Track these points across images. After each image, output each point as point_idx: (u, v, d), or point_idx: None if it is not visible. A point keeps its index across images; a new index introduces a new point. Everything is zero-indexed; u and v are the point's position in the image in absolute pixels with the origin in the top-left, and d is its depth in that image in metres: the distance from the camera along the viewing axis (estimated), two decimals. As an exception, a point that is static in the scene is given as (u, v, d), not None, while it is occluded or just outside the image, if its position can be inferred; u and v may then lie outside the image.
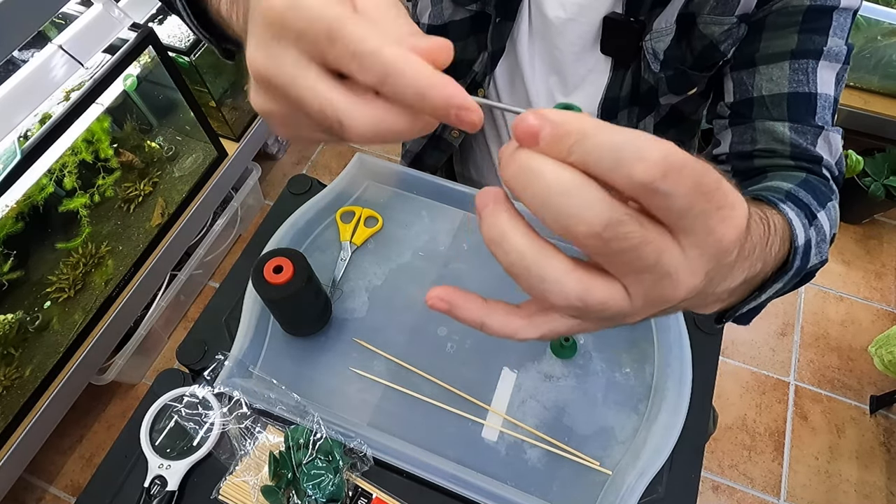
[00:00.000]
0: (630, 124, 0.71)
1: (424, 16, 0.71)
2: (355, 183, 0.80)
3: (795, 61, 0.58)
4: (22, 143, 1.10)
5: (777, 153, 0.60)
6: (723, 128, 0.64)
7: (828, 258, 0.53)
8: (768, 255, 0.40)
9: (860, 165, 1.71)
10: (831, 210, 0.56)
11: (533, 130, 0.22)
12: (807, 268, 0.49)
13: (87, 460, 1.47)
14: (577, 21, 0.65)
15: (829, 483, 1.47)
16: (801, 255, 0.45)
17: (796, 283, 0.51)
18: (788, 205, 0.48)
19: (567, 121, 0.22)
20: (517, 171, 0.23)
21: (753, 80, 0.60)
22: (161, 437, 0.62)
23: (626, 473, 0.59)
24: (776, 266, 0.45)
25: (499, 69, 0.73)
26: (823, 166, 0.59)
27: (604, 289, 0.24)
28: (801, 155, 0.59)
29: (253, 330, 0.67)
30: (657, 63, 0.64)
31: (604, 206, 0.21)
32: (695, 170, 0.21)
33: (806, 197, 0.53)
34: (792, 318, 1.71)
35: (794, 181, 0.55)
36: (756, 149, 0.61)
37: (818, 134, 0.58)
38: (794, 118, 0.58)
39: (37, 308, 1.25)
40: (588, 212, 0.21)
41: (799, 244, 0.45)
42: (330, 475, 0.58)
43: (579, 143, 0.21)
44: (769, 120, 0.60)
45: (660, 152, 0.21)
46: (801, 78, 0.58)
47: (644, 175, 0.21)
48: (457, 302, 0.27)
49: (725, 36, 0.60)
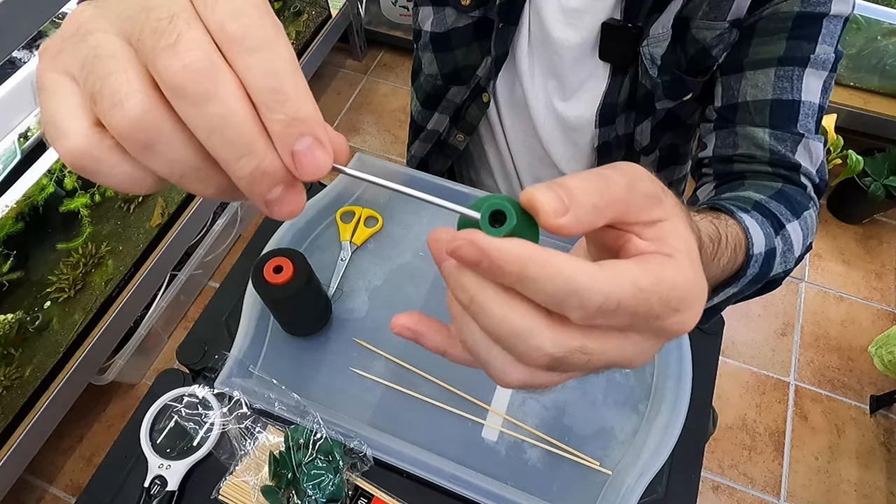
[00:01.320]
0: (627, 128, 0.72)
1: (426, 24, 0.72)
2: (355, 183, 0.80)
3: (781, 68, 0.58)
4: (22, 143, 1.10)
5: (756, 159, 0.60)
6: (708, 131, 0.65)
7: (793, 268, 0.54)
8: (715, 267, 0.42)
9: (860, 165, 1.71)
10: (807, 219, 0.56)
11: (471, 259, 0.22)
12: (769, 276, 0.51)
13: (87, 460, 1.47)
14: (575, 27, 0.65)
15: (829, 483, 1.47)
16: (759, 263, 0.48)
17: (759, 290, 0.53)
18: (752, 214, 0.50)
19: (504, 256, 0.21)
20: (463, 300, 0.23)
21: (740, 85, 0.60)
22: (161, 437, 0.62)
23: (626, 473, 0.59)
24: (728, 274, 0.47)
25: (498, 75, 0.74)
26: (802, 174, 0.59)
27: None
28: (779, 161, 0.59)
29: (253, 330, 0.67)
30: (654, 68, 0.64)
31: (554, 343, 0.22)
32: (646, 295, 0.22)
33: (777, 208, 0.53)
34: (792, 318, 1.71)
35: (768, 192, 0.56)
36: (737, 153, 0.61)
37: (798, 141, 0.58)
38: (775, 125, 0.59)
39: (37, 308, 1.25)
40: (537, 351, 0.23)
41: (754, 253, 0.47)
42: (330, 475, 0.58)
43: (521, 284, 0.22)
44: (751, 125, 0.60)
45: (599, 298, 0.21)
46: (785, 85, 0.58)
47: (584, 319, 0.22)
48: (421, 331, 0.28)
49: (717, 41, 0.60)
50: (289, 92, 0.20)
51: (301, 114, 0.20)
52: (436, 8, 0.70)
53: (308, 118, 0.21)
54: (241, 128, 0.20)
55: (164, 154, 0.21)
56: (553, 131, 0.76)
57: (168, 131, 0.20)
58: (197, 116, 0.20)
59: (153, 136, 0.20)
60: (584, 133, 0.74)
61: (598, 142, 0.73)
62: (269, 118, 0.20)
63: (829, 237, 1.86)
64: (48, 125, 0.22)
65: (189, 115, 0.20)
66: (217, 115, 0.20)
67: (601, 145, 0.73)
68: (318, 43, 1.93)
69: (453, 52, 0.72)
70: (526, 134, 0.78)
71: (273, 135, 0.21)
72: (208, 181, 0.22)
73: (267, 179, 0.21)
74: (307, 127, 0.21)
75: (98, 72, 0.20)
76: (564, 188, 0.23)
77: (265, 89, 0.20)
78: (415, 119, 0.86)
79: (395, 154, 2.04)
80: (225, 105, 0.20)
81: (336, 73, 2.24)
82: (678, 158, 0.80)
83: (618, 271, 0.22)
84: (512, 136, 0.80)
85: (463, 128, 0.82)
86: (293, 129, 0.20)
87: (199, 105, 0.20)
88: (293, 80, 0.20)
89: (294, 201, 0.22)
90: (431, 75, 0.76)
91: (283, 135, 0.20)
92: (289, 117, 0.20)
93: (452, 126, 0.82)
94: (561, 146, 0.77)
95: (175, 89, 0.20)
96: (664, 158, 0.78)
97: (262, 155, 0.21)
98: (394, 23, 2.20)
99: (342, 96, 2.18)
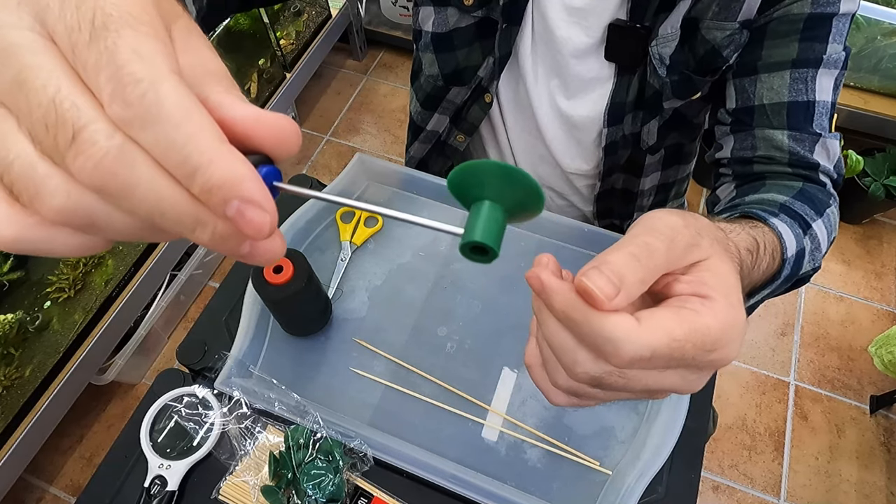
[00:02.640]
0: (635, 128, 0.72)
1: (427, 24, 0.71)
2: (355, 183, 0.80)
3: (796, 70, 0.59)
4: (22, 143, 1.10)
5: (775, 160, 0.61)
6: (724, 133, 0.66)
7: (821, 265, 0.57)
8: (756, 274, 0.45)
9: (860, 165, 1.71)
10: (830, 216, 0.58)
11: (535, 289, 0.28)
12: (798, 274, 0.54)
13: (87, 460, 1.47)
14: (580, 26, 0.65)
15: (829, 483, 1.47)
16: (791, 264, 0.50)
17: (788, 288, 0.56)
18: (781, 217, 0.52)
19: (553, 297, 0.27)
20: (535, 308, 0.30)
21: (755, 88, 0.61)
22: (161, 437, 0.62)
23: (626, 473, 0.59)
24: (766, 279, 0.49)
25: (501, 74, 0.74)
26: (821, 171, 0.61)
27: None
28: (799, 162, 0.60)
29: (253, 330, 0.67)
30: (664, 68, 0.64)
31: (595, 364, 0.28)
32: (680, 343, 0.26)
33: (802, 208, 0.55)
34: (792, 318, 1.71)
35: (790, 193, 0.57)
36: (756, 155, 0.62)
37: (815, 141, 0.60)
38: (793, 126, 0.60)
39: (37, 308, 1.25)
40: (578, 366, 0.28)
41: (788, 256, 0.49)
42: (330, 475, 0.58)
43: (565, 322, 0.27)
44: (769, 128, 0.61)
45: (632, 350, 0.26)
46: (800, 87, 0.59)
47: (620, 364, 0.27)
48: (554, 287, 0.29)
49: (728, 41, 0.60)
50: (193, 160, 0.17)
51: (215, 179, 0.18)
52: (437, 8, 0.69)
53: (224, 181, 0.18)
54: (178, 205, 0.18)
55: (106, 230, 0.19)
56: (556, 131, 0.76)
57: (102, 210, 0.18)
58: (131, 207, 0.18)
59: (87, 218, 0.18)
60: (589, 132, 0.74)
61: (605, 141, 0.73)
62: (193, 191, 0.18)
63: (829, 237, 1.86)
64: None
65: (124, 207, 0.18)
66: (150, 201, 0.18)
67: (608, 145, 0.73)
68: (318, 43, 1.93)
69: (455, 52, 0.72)
70: (528, 133, 0.78)
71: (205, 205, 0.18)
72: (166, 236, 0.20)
73: (229, 241, 0.19)
74: (228, 191, 0.18)
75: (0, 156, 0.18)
76: (614, 270, 0.26)
77: (173, 165, 0.18)
78: (414, 120, 0.86)
79: (394, 154, 2.04)
80: (154, 190, 0.18)
81: (336, 73, 2.24)
82: (682, 157, 0.81)
83: (653, 325, 0.26)
84: (514, 136, 0.80)
85: (464, 128, 0.81)
86: (216, 197, 0.18)
87: (127, 198, 0.18)
88: (197, 146, 0.17)
89: (268, 249, 0.20)
90: (432, 76, 0.76)
91: (212, 205, 0.18)
92: (206, 187, 0.18)
93: (453, 126, 0.82)
94: (564, 145, 0.77)
95: (98, 190, 0.18)
96: (669, 157, 0.78)
97: (213, 222, 0.19)
98: (394, 23, 2.20)
99: (342, 96, 2.18)
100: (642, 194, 0.82)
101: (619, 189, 0.82)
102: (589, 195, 0.85)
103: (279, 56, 1.79)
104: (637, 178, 0.79)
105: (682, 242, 0.28)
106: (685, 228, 0.28)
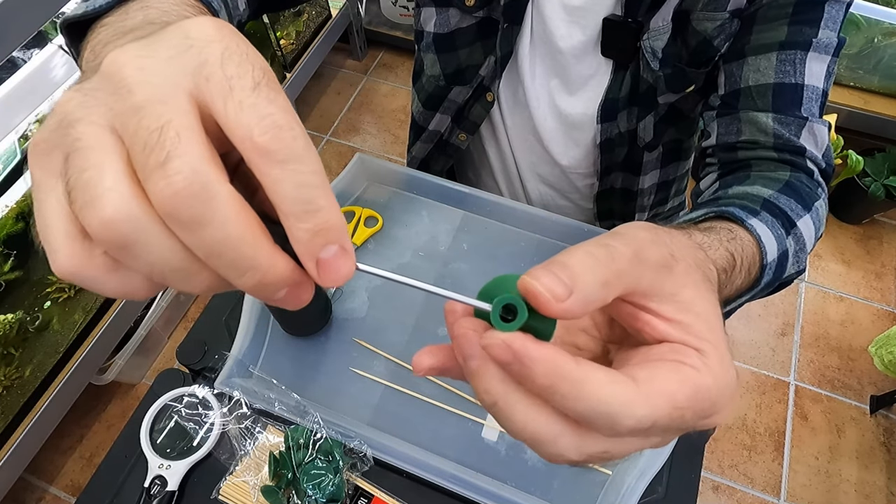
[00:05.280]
0: (630, 124, 0.71)
1: (429, 24, 0.72)
2: (355, 183, 0.80)
3: (783, 52, 0.57)
4: (22, 143, 1.10)
5: (760, 144, 0.59)
6: (711, 119, 0.64)
7: (805, 268, 0.54)
8: (727, 291, 0.42)
9: (860, 165, 1.71)
10: (818, 210, 0.55)
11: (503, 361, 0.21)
12: (781, 278, 0.51)
13: (87, 460, 1.47)
14: (577, 24, 0.65)
15: (830, 483, 1.47)
16: (772, 270, 0.47)
17: (770, 292, 0.53)
18: (762, 216, 0.49)
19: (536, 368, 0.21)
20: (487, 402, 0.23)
21: (741, 70, 0.60)
22: (161, 437, 0.62)
23: (626, 473, 0.59)
24: (739, 293, 0.46)
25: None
26: (807, 158, 0.58)
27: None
28: (784, 146, 0.58)
29: (253, 330, 0.67)
30: (656, 61, 0.64)
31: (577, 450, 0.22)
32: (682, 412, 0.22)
33: (787, 203, 0.52)
34: (792, 318, 1.71)
35: (776, 186, 0.55)
36: (740, 140, 0.61)
37: (802, 125, 0.57)
38: (779, 108, 0.58)
39: (37, 308, 1.25)
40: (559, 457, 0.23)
41: (768, 261, 0.46)
42: (330, 475, 0.58)
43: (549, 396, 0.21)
44: (753, 110, 0.59)
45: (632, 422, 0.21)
46: (787, 69, 0.57)
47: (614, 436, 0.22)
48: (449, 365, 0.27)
49: (718, 31, 0.60)
50: (320, 203, 0.19)
51: (329, 223, 0.20)
52: (439, 9, 0.70)
53: (336, 227, 0.20)
54: (241, 249, 0.19)
55: (141, 257, 0.19)
56: (555, 130, 0.76)
57: (147, 233, 0.19)
58: (193, 240, 0.19)
59: (128, 237, 0.19)
60: (585, 130, 0.74)
61: (600, 138, 0.73)
62: (296, 226, 0.19)
63: (829, 237, 1.86)
64: (40, 230, 0.20)
65: (184, 238, 0.19)
66: (214, 239, 0.19)
67: (604, 142, 0.73)
68: (318, 43, 1.93)
69: (457, 52, 0.72)
70: (527, 132, 0.78)
71: (297, 241, 0.20)
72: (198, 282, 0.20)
73: (272, 287, 0.20)
74: (334, 236, 0.20)
75: (75, 166, 0.19)
76: (564, 268, 0.22)
77: (296, 201, 0.19)
78: (416, 120, 0.86)
79: (395, 154, 2.04)
80: (222, 230, 0.18)
81: (336, 73, 2.24)
82: (681, 154, 0.80)
83: (654, 389, 0.22)
84: (514, 135, 0.80)
85: (465, 127, 0.82)
86: (320, 238, 0.20)
87: (193, 231, 0.18)
88: (324, 192, 0.19)
89: (301, 297, 0.22)
90: (434, 76, 0.76)
91: (310, 243, 0.20)
92: (317, 227, 0.19)
93: (454, 126, 0.82)
94: (562, 145, 0.77)
95: (167, 215, 0.18)
96: (667, 154, 0.78)
97: (266, 268, 0.20)
98: (394, 23, 2.20)
99: (342, 96, 2.18)
100: (642, 193, 0.82)
101: (619, 188, 0.82)
102: (589, 194, 0.85)
103: (279, 56, 1.79)
104: (636, 176, 0.79)
105: (652, 255, 0.24)
106: (655, 244, 0.25)
